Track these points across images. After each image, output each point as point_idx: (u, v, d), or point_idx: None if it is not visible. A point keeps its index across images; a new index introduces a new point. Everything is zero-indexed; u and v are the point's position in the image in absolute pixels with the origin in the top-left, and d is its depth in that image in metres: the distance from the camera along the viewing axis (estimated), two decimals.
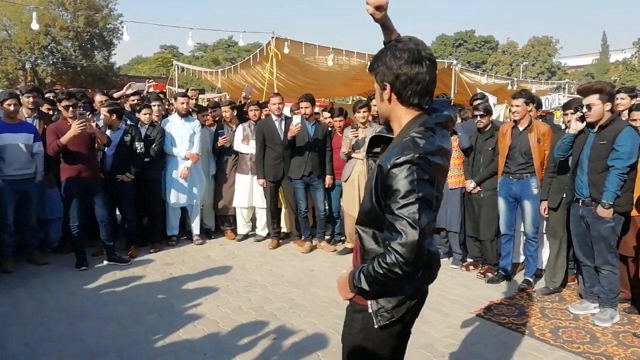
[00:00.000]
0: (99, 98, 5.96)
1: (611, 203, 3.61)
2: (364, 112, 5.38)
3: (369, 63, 1.87)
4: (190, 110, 6.19)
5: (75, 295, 4.32)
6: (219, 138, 5.96)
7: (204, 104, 9.80)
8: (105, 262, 5.07)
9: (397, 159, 1.55)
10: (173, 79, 14.70)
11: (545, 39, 49.96)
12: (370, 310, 1.74)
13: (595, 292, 3.96)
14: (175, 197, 5.77)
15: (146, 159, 5.47)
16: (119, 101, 6.22)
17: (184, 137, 5.75)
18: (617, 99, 4.19)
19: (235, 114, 6.39)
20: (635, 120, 4.00)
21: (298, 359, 3.21)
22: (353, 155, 5.39)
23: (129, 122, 5.47)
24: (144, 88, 8.61)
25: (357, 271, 1.68)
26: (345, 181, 5.48)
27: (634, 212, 3.83)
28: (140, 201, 5.57)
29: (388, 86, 1.69)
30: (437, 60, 1.86)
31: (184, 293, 4.38)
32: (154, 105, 5.88)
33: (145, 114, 5.55)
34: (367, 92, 10.72)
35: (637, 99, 4.95)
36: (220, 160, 6.26)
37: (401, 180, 1.53)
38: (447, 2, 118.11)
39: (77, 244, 4.97)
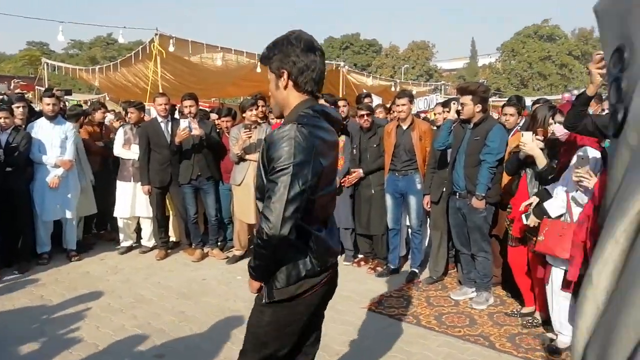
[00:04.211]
0: None
1: (483, 195, 3.93)
2: (256, 110, 5.26)
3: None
4: (62, 112, 5.63)
5: None
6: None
7: (82, 106, 9.00)
8: None
9: (279, 129, 1.67)
10: (42, 78, 13.32)
11: (423, 43, 53.63)
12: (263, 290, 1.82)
13: (472, 278, 4.28)
14: (46, 210, 5.18)
15: (8, 168, 4.84)
16: None
17: (54, 142, 5.18)
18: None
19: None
20: (506, 115, 4.34)
21: None
22: (247, 157, 5.23)
23: None
24: (5, 90, 7.67)
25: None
26: (239, 185, 5.30)
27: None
28: (5, 215, 4.90)
29: (285, 73, 1.77)
30: (325, 62, 1.94)
31: (58, 317, 3.94)
32: (18, 108, 5.25)
33: (1, 118, 4.90)
34: (253, 94, 10.63)
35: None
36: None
37: (280, 148, 1.63)
38: (335, 5, 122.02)
39: None
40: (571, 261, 3.02)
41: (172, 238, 5.93)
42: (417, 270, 4.90)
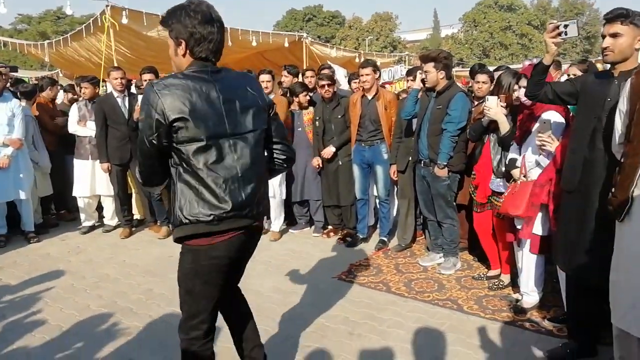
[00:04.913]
0: None
1: (445, 163, 3.95)
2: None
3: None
4: (14, 90, 5.34)
5: None
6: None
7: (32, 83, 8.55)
8: None
9: None
10: None
11: (387, 14, 53.28)
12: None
13: (439, 244, 4.35)
14: None
15: None
16: None
17: (0, 120, 4.89)
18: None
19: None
20: (478, 82, 4.25)
21: (159, 352, 2.98)
22: None
23: None
24: None
25: None
26: None
27: None
28: None
29: (183, 43, 1.92)
30: (288, 33, 2.01)
31: (18, 300, 3.79)
32: None
33: None
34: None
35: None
36: None
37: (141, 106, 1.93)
38: None
39: None
40: (527, 221, 3.10)
41: (137, 216, 5.79)
42: (385, 239, 4.94)
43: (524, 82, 3.14)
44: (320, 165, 5.10)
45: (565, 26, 2.53)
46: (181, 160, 1.91)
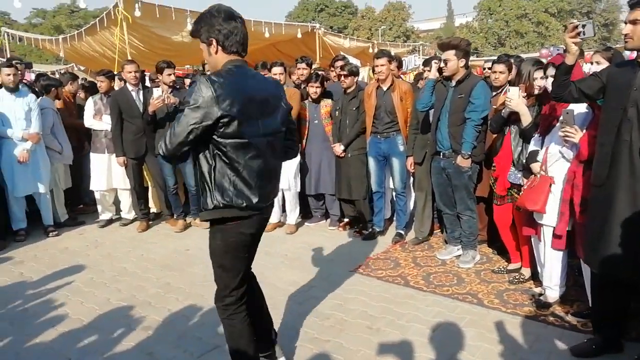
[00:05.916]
0: None
1: (469, 153, 3.88)
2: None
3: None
4: (26, 84, 5.36)
5: None
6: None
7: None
8: None
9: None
10: (3, 49, 12.66)
11: (399, 4, 52.63)
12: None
13: (457, 237, 4.28)
14: (17, 185, 4.98)
15: None
16: None
17: (17, 114, 4.92)
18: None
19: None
20: (496, 72, 4.24)
21: (178, 346, 2.98)
22: None
23: None
24: None
25: None
26: None
27: None
28: None
29: (214, 41, 2.13)
30: (300, 24, 2.12)
31: (39, 293, 3.83)
32: None
33: None
34: None
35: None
36: None
37: (188, 94, 2.07)
38: None
39: None
40: (560, 217, 3.02)
41: (153, 209, 5.82)
42: (402, 232, 4.89)
43: (551, 71, 3.05)
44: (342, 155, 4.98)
45: (583, 26, 2.58)
46: (220, 152, 2.11)
